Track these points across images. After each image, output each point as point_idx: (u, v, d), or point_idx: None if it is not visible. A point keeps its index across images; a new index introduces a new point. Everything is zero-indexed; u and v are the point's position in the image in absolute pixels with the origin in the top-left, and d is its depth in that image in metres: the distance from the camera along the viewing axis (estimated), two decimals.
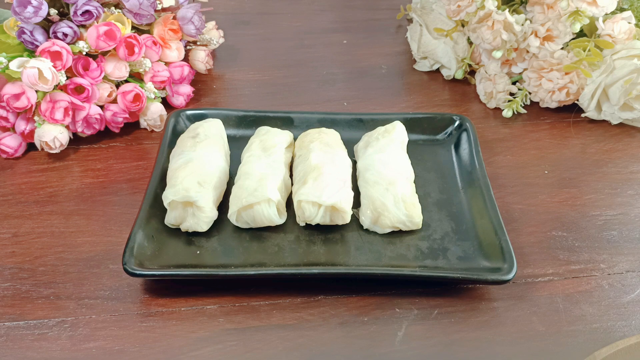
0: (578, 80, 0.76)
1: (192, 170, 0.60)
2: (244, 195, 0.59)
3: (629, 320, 0.55)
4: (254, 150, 0.65)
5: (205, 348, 0.52)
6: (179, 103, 0.79)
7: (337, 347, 0.52)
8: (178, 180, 0.59)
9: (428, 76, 0.88)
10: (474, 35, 0.80)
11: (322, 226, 0.60)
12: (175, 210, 0.59)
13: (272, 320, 0.54)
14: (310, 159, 0.63)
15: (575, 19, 0.75)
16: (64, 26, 0.68)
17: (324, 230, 0.60)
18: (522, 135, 0.77)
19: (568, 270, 0.59)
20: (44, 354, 0.51)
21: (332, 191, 0.59)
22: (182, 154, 0.63)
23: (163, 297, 0.56)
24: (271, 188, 0.59)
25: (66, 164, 0.70)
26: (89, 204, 0.65)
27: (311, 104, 0.82)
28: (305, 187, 0.60)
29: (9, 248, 0.60)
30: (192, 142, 0.64)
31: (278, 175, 0.62)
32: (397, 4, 1.01)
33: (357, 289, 0.56)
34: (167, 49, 0.76)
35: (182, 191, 0.58)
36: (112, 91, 0.72)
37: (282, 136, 0.67)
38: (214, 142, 0.65)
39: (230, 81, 0.86)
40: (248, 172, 0.62)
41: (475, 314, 0.55)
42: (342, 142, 0.68)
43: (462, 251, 0.58)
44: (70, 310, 0.54)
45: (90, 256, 0.59)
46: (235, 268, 0.56)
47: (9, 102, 0.66)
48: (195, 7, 0.78)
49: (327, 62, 0.91)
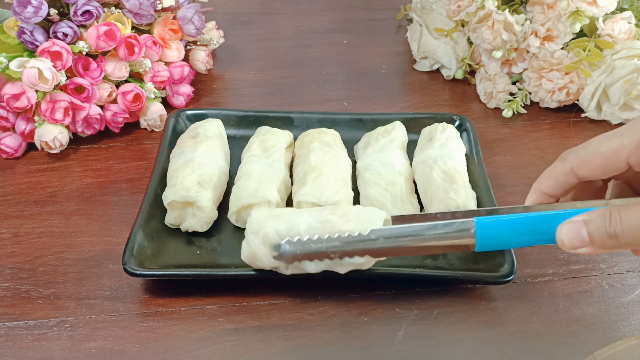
0: (578, 80, 0.76)
1: (192, 170, 0.60)
2: (244, 196, 0.59)
3: (629, 320, 0.55)
4: (254, 150, 0.65)
5: (205, 348, 0.52)
6: (179, 103, 0.79)
7: (337, 347, 0.52)
8: (178, 180, 0.59)
9: (428, 76, 0.88)
10: (474, 35, 0.80)
11: None
12: (175, 210, 0.59)
13: (272, 320, 0.54)
14: (310, 159, 0.63)
15: (575, 19, 0.75)
16: (64, 26, 0.68)
17: None
18: (522, 135, 0.77)
19: (568, 270, 0.59)
20: (44, 354, 0.51)
21: (332, 192, 0.59)
22: (182, 154, 0.63)
23: (163, 297, 0.56)
24: (271, 189, 0.59)
25: (66, 164, 0.70)
26: (89, 204, 0.65)
27: (311, 104, 0.82)
28: (304, 187, 0.60)
29: (9, 248, 0.60)
30: (192, 142, 0.64)
31: (278, 175, 0.62)
32: (397, 4, 1.01)
33: (357, 289, 0.56)
34: (167, 49, 0.76)
35: (182, 191, 0.58)
36: (112, 91, 0.72)
37: (282, 136, 0.67)
38: (214, 142, 0.65)
39: (230, 81, 0.86)
40: (248, 172, 0.62)
41: (475, 314, 0.55)
42: (342, 142, 0.68)
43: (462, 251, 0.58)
44: (70, 310, 0.54)
45: (90, 256, 0.59)
46: (235, 268, 0.56)
47: (9, 102, 0.66)
48: (195, 7, 0.78)
49: (327, 62, 0.91)
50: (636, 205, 0.40)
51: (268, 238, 0.51)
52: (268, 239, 0.51)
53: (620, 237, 0.40)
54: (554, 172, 0.46)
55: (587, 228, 0.42)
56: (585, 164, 0.44)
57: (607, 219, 0.41)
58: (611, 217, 0.40)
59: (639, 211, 0.40)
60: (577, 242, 0.42)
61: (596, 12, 0.75)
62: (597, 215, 0.41)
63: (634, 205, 0.40)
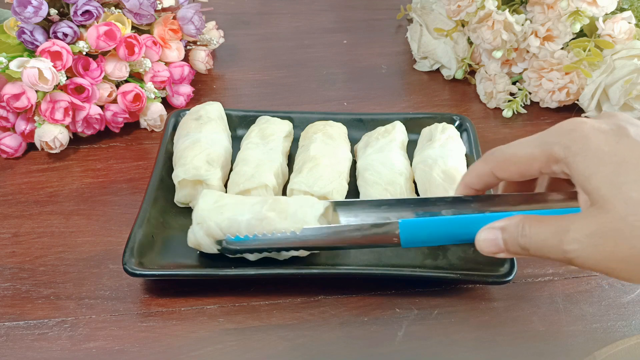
0: (578, 80, 0.76)
1: (200, 150, 0.62)
2: (241, 181, 0.60)
3: (629, 320, 0.55)
4: (253, 137, 0.66)
5: (205, 348, 0.52)
6: (179, 103, 0.79)
7: (337, 347, 0.52)
8: (187, 159, 0.61)
9: (428, 76, 0.88)
10: (474, 35, 0.80)
11: None
12: (184, 189, 0.61)
13: (272, 320, 0.54)
14: (310, 150, 0.64)
15: (575, 19, 0.75)
16: (64, 26, 0.68)
17: None
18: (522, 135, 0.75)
19: (568, 270, 0.59)
20: (44, 354, 0.51)
21: (325, 182, 0.60)
22: (188, 135, 0.65)
23: (163, 297, 0.56)
24: (267, 174, 0.61)
25: (66, 164, 0.70)
26: (89, 204, 0.65)
27: (311, 104, 0.82)
28: (299, 176, 0.61)
29: (9, 248, 0.60)
30: (197, 123, 0.66)
31: (275, 162, 0.63)
32: (397, 4, 1.01)
33: (357, 289, 0.56)
34: (167, 49, 0.76)
35: (192, 170, 0.60)
36: (112, 91, 0.72)
37: (282, 125, 0.68)
38: (217, 123, 0.67)
39: (230, 81, 0.86)
40: (245, 158, 0.63)
41: (475, 314, 0.55)
42: (347, 137, 0.69)
43: (462, 251, 0.58)
44: (70, 310, 0.54)
45: (90, 256, 0.59)
46: (235, 268, 0.56)
47: (9, 102, 0.66)
48: (195, 7, 0.78)
49: (327, 62, 0.91)
50: (543, 221, 0.41)
51: (211, 232, 0.54)
52: (211, 232, 0.54)
53: (530, 250, 0.41)
54: (476, 171, 0.48)
55: (502, 235, 0.43)
56: (503, 169, 0.46)
57: (520, 230, 0.42)
58: (523, 229, 0.41)
59: (544, 229, 0.40)
60: (494, 248, 0.44)
61: (596, 12, 0.75)
62: (512, 224, 0.42)
63: (543, 221, 0.41)
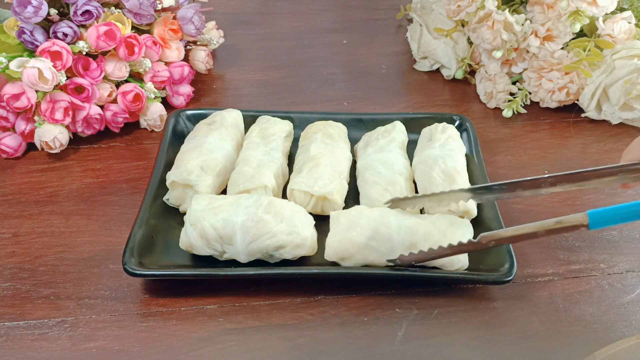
0: (578, 80, 0.76)
1: (197, 155, 0.62)
2: (241, 181, 0.60)
3: (629, 320, 0.55)
4: (253, 137, 0.67)
5: (205, 348, 0.52)
6: (179, 103, 0.79)
7: (337, 347, 0.52)
8: (183, 162, 0.62)
9: (428, 76, 0.88)
10: (474, 35, 0.80)
11: (322, 227, 0.60)
12: (175, 191, 0.61)
13: (272, 320, 0.54)
14: (310, 150, 0.64)
15: (575, 19, 0.75)
16: (64, 26, 0.68)
17: (325, 230, 0.60)
18: (522, 135, 0.77)
19: (568, 270, 0.59)
20: (44, 354, 0.51)
21: (325, 182, 0.60)
22: (194, 139, 0.65)
23: (163, 297, 0.56)
24: (268, 175, 0.61)
25: (66, 164, 0.70)
26: (89, 204, 0.65)
27: (311, 104, 0.82)
28: (299, 176, 0.61)
29: (9, 248, 0.60)
30: (207, 128, 0.66)
31: (275, 162, 0.63)
32: (397, 4, 1.01)
33: (357, 289, 0.56)
34: (167, 49, 0.76)
35: (184, 173, 0.60)
36: (112, 91, 0.72)
37: (282, 125, 0.69)
38: (228, 131, 0.67)
39: (230, 81, 0.86)
40: (246, 158, 0.63)
41: (475, 314, 0.55)
42: (347, 137, 0.69)
43: None
44: (70, 310, 0.54)
45: (90, 256, 0.59)
46: (235, 268, 0.56)
47: (9, 102, 0.66)
48: (195, 7, 0.78)
49: (327, 62, 0.91)
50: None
51: (205, 233, 0.54)
52: (205, 233, 0.54)
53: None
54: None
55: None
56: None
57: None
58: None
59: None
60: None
61: (596, 12, 0.75)
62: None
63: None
